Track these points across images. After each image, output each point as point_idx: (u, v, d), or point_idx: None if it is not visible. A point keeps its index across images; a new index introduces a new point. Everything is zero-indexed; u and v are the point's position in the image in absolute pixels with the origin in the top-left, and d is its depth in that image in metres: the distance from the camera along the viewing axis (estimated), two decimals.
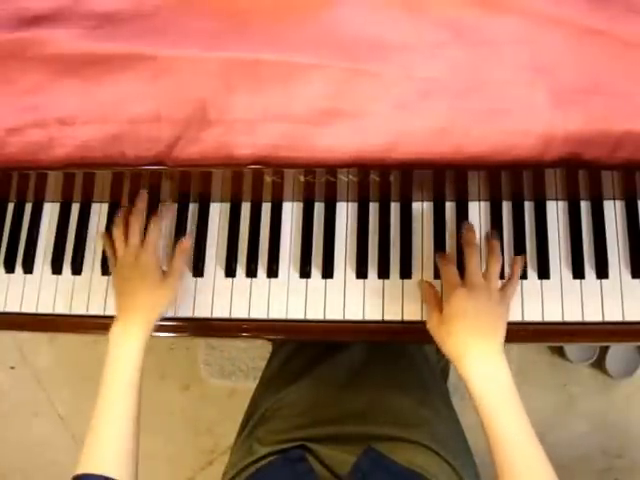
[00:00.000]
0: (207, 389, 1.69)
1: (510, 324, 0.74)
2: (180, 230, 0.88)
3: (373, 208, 0.86)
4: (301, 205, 0.87)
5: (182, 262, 0.83)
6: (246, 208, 0.88)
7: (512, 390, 0.67)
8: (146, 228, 0.83)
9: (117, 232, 0.83)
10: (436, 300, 0.76)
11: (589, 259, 0.81)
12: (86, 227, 0.90)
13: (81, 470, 0.67)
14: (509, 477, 0.63)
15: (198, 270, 0.86)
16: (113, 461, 0.68)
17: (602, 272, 0.80)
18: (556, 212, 0.84)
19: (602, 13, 0.69)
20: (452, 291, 0.73)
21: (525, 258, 0.81)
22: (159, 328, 0.86)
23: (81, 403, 1.70)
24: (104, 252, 0.88)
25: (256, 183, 0.82)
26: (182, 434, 1.69)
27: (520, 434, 0.65)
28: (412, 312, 0.82)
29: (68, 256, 0.89)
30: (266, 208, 0.87)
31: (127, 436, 0.70)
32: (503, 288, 0.76)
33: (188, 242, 0.85)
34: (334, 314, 0.83)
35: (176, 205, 0.88)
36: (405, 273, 0.83)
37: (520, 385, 0.67)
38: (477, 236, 0.81)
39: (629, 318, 0.79)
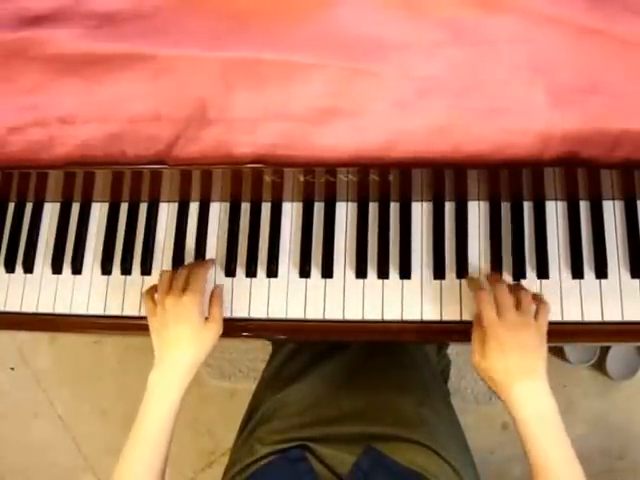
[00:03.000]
0: (207, 390, 1.69)
1: None
2: (180, 230, 0.88)
3: (372, 208, 0.86)
4: (301, 205, 0.87)
5: (221, 308, 0.81)
6: (246, 208, 0.88)
7: (555, 417, 0.68)
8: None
9: (163, 283, 0.79)
10: (480, 339, 0.73)
11: (588, 259, 0.81)
12: (86, 227, 0.90)
13: None
14: None
15: None
16: None
17: (601, 272, 0.81)
18: (555, 212, 0.84)
19: (599, 12, 0.69)
20: (490, 329, 0.71)
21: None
22: None
23: (81, 404, 1.70)
24: (104, 252, 0.88)
25: (256, 183, 0.82)
26: (182, 435, 1.68)
27: (561, 460, 0.67)
28: (411, 312, 0.82)
29: (68, 256, 0.89)
30: (266, 208, 0.87)
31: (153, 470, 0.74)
32: (536, 318, 0.73)
33: (222, 289, 0.84)
34: (334, 314, 0.83)
35: (213, 259, 0.87)
36: (404, 273, 0.83)
37: None
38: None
39: (628, 318, 0.79)
